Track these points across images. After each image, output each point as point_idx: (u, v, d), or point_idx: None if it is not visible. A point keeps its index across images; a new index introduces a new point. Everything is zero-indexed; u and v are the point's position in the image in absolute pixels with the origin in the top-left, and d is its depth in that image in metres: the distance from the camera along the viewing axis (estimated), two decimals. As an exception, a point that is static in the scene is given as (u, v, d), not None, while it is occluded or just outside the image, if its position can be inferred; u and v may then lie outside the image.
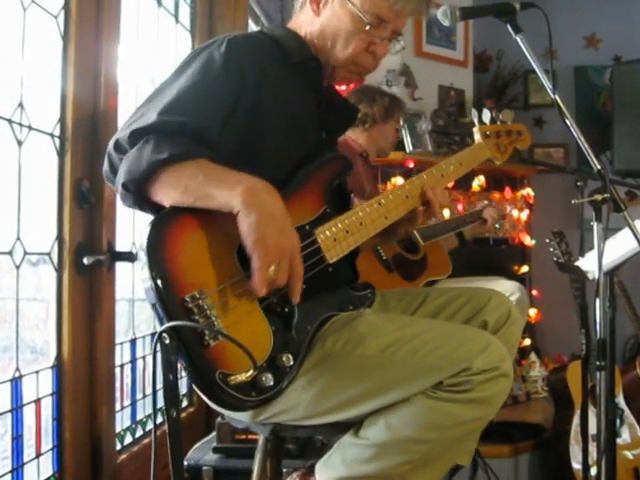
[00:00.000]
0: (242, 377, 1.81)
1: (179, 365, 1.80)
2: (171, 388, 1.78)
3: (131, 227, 3.18)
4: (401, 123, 4.66)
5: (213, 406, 1.97)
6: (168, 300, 1.78)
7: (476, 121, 2.68)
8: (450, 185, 5.45)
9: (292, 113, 2.22)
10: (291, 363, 1.93)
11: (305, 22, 2.32)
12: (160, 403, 1.80)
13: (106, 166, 1.97)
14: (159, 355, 1.76)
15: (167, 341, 1.75)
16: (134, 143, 1.88)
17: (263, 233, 1.81)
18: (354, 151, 4.25)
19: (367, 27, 2.21)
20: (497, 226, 4.68)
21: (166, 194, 1.86)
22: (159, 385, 1.77)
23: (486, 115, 2.68)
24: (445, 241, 4.39)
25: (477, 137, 2.68)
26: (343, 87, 4.67)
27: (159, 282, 1.77)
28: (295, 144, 2.22)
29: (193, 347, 1.78)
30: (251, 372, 1.82)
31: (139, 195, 1.89)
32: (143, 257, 1.79)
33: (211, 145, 1.97)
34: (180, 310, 1.78)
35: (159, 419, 1.86)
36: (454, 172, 2.52)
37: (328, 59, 2.29)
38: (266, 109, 2.13)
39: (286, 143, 2.18)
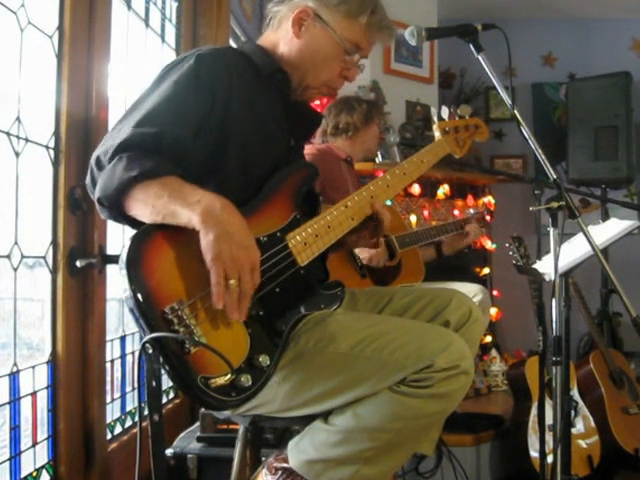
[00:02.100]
0: (222, 380, 1.83)
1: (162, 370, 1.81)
2: (154, 394, 1.80)
3: (121, 232, 3.18)
4: (381, 122, 4.62)
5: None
6: (149, 313, 1.78)
7: (435, 118, 2.67)
8: (416, 193, 5.48)
9: (261, 124, 2.21)
10: (268, 363, 1.94)
11: (282, 41, 2.29)
12: (144, 397, 1.81)
13: (88, 179, 1.98)
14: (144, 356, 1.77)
15: (150, 351, 1.76)
16: (111, 159, 1.88)
17: (219, 250, 1.81)
18: (338, 157, 4.21)
19: (345, 54, 2.25)
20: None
21: (138, 210, 1.87)
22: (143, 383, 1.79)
23: (444, 112, 2.68)
24: (423, 252, 4.30)
25: (437, 134, 2.65)
26: (317, 102, 4.68)
27: (139, 297, 1.77)
28: (264, 154, 2.21)
29: (175, 355, 1.78)
30: (229, 376, 1.84)
31: (114, 209, 1.90)
32: (124, 271, 1.80)
33: (184, 155, 1.98)
34: (161, 321, 1.79)
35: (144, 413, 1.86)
36: (416, 170, 2.47)
37: (303, 79, 2.29)
38: (235, 121, 2.12)
39: (255, 154, 2.18)
